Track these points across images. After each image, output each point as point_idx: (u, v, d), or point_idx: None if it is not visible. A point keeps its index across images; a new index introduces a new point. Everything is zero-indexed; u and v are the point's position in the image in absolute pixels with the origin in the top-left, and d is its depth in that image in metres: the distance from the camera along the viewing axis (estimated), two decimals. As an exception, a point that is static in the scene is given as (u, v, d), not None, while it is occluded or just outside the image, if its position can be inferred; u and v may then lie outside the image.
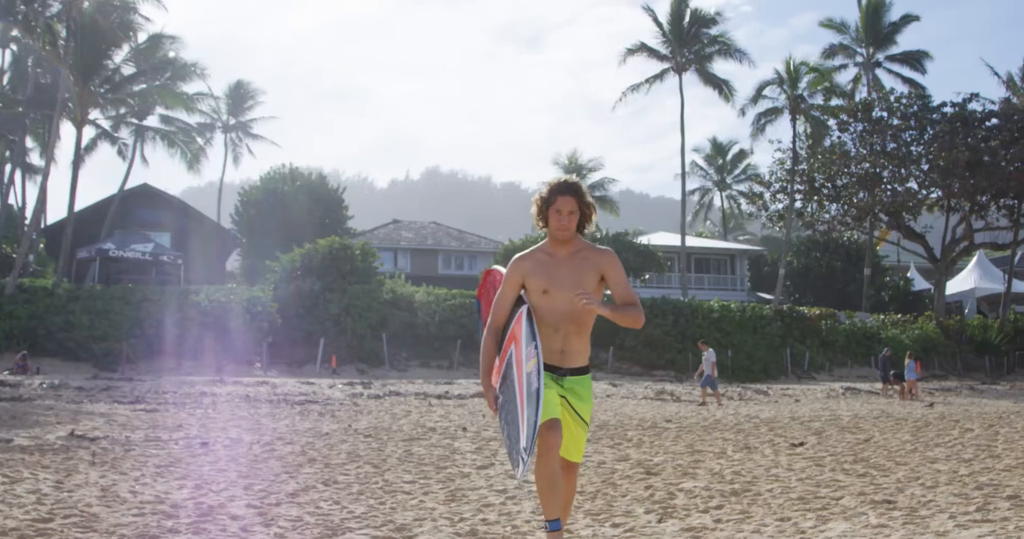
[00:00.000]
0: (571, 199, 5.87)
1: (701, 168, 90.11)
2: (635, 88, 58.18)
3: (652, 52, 57.09)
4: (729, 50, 56.91)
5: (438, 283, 46.86)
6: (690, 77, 57.29)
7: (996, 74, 63.09)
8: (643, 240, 58.16)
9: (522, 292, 5.98)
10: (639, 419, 18.79)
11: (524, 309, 5.77)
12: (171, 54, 51.24)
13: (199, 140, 61.95)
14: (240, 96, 71.91)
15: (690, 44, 56.49)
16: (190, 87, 54.01)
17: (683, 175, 59.17)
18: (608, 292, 6.09)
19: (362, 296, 39.15)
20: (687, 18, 56.48)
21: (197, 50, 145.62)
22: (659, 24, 56.95)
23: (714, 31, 57.10)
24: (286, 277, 39.68)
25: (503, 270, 6.24)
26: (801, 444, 13.75)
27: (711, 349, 27.48)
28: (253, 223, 57.12)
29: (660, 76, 57.67)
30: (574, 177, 6.08)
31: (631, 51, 57.21)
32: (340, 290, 39.01)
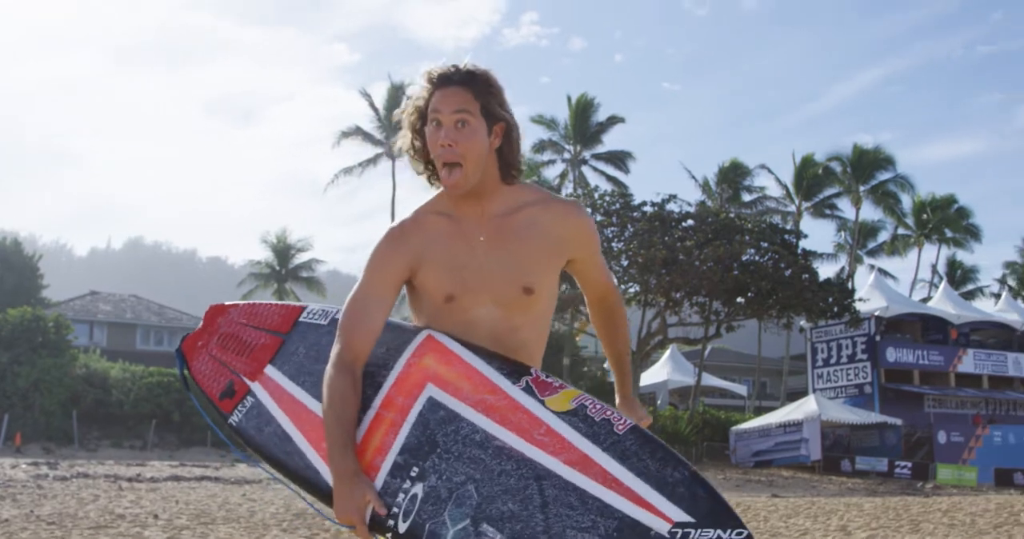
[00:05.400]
0: (460, 92, 2.94)
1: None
2: (348, 171, 58.57)
3: (367, 136, 57.73)
4: (442, 138, 58.02)
5: (136, 359, 45.28)
6: (403, 162, 57.84)
7: (693, 177, 67.07)
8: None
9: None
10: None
11: (432, 334, 3.11)
12: None
13: None
14: (-69, 154, 68.18)
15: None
16: None
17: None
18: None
19: (53, 371, 37.47)
20: (402, 105, 57.29)
21: None
22: (375, 109, 57.66)
23: (428, 118, 58.13)
24: (-30, 348, 37.65)
25: (264, 304, 3.34)
26: None
27: None
28: (-63, 289, 54.11)
29: (374, 160, 58.26)
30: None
31: (345, 134, 57.67)
32: (30, 364, 37.24)
